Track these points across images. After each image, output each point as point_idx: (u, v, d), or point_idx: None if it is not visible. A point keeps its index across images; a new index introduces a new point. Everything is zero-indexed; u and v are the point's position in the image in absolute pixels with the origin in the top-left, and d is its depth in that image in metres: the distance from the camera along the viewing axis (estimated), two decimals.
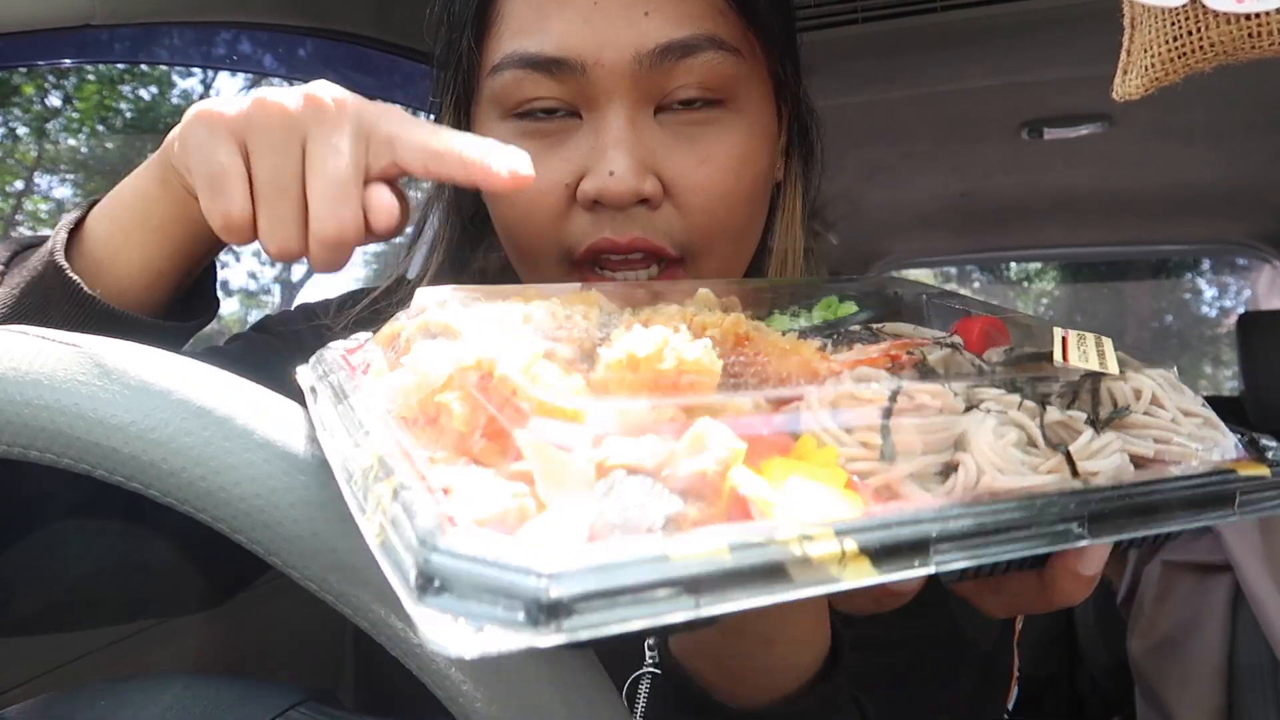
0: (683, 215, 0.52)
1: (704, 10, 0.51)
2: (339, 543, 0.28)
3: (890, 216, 2.50)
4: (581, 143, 0.51)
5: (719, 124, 0.52)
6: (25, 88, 2.49)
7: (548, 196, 0.51)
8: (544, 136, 0.52)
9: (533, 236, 0.53)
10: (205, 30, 0.95)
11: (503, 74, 0.51)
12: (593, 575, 0.21)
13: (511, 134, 0.52)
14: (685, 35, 0.50)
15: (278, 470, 0.29)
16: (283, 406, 0.32)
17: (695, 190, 0.51)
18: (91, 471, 0.30)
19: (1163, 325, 9.84)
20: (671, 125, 0.52)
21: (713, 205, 0.52)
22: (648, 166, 0.51)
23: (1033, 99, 1.60)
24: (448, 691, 0.28)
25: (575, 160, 0.51)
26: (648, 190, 0.50)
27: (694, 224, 0.52)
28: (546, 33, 0.50)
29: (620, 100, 0.50)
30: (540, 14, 0.50)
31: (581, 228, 0.51)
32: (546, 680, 0.29)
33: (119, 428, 0.29)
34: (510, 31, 0.51)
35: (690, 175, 0.51)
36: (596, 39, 0.49)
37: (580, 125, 0.52)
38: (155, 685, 0.36)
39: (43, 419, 0.29)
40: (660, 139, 0.51)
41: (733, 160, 0.52)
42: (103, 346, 0.31)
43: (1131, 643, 1.29)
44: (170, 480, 0.29)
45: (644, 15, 0.49)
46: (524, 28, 0.51)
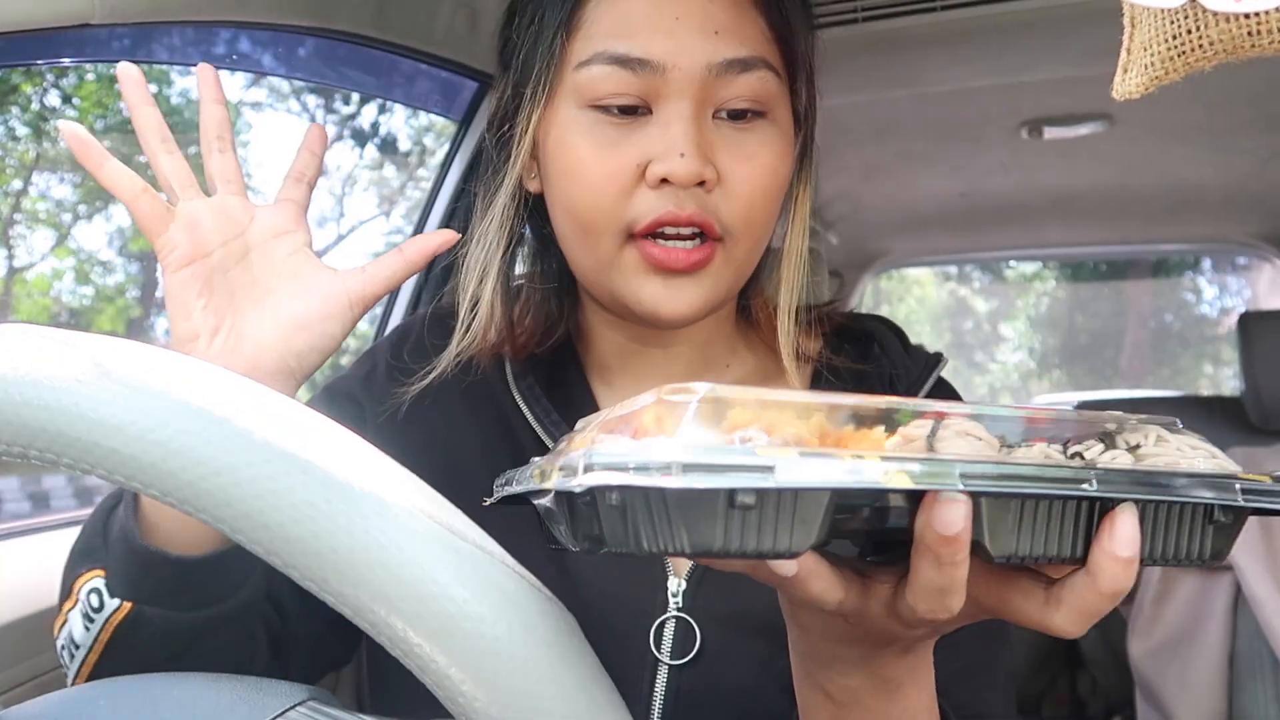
0: (729, 201, 0.62)
1: (759, 37, 0.63)
2: (339, 543, 0.28)
3: (890, 216, 2.50)
4: (651, 132, 0.61)
5: (761, 132, 0.63)
6: (24, 86, 2.50)
7: (619, 176, 0.61)
8: (617, 126, 0.61)
9: (600, 212, 0.61)
10: (205, 30, 0.95)
11: (591, 68, 0.61)
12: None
13: (589, 122, 0.62)
14: (746, 54, 0.61)
15: (278, 470, 0.29)
16: (284, 407, 0.32)
17: (741, 182, 0.62)
18: (91, 472, 0.30)
19: (1163, 325, 9.85)
20: (725, 130, 0.62)
21: (754, 196, 0.62)
22: (708, 156, 0.61)
23: (1033, 99, 1.60)
24: (448, 691, 0.28)
25: (644, 147, 0.61)
26: (708, 174, 0.60)
27: (736, 209, 0.62)
28: (634, 38, 0.60)
29: (690, 99, 0.61)
30: (629, 22, 0.61)
31: (648, 204, 0.60)
32: (547, 680, 0.29)
33: (119, 428, 0.29)
34: (601, 34, 0.61)
35: (738, 170, 0.62)
36: (677, 47, 0.60)
37: (650, 119, 0.61)
38: (155, 685, 0.36)
39: (43, 419, 0.29)
40: (716, 137, 0.62)
41: (771, 161, 0.63)
42: (103, 346, 0.31)
43: (1132, 643, 1.30)
44: (170, 480, 0.29)
45: (714, 33, 0.61)
46: (614, 32, 0.61)
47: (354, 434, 0.33)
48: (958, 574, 0.36)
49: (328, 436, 0.31)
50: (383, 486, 0.30)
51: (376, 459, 0.32)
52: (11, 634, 0.78)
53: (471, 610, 0.28)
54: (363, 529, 0.29)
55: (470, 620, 0.28)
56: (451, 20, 1.11)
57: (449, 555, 0.29)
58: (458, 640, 0.28)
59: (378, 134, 5.20)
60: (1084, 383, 10.16)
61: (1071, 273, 8.27)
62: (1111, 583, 0.36)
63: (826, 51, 0.72)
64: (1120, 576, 0.36)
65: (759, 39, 0.63)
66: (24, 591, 0.82)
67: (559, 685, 0.29)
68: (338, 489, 0.29)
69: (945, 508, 0.34)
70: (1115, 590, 0.37)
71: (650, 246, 0.61)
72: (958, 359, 10.55)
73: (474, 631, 0.28)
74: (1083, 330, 10.27)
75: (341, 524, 0.29)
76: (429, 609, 0.28)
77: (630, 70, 0.60)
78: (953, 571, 0.36)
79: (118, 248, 3.92)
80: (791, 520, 0.33)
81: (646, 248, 0.61)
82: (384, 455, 0.33)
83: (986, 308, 10.66)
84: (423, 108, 1.40)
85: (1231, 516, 0.38)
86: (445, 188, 1.35)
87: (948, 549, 0.35)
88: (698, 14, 0.61)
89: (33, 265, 3.56)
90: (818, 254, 1.01)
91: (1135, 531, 0.36)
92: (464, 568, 0.29)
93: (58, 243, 3.63)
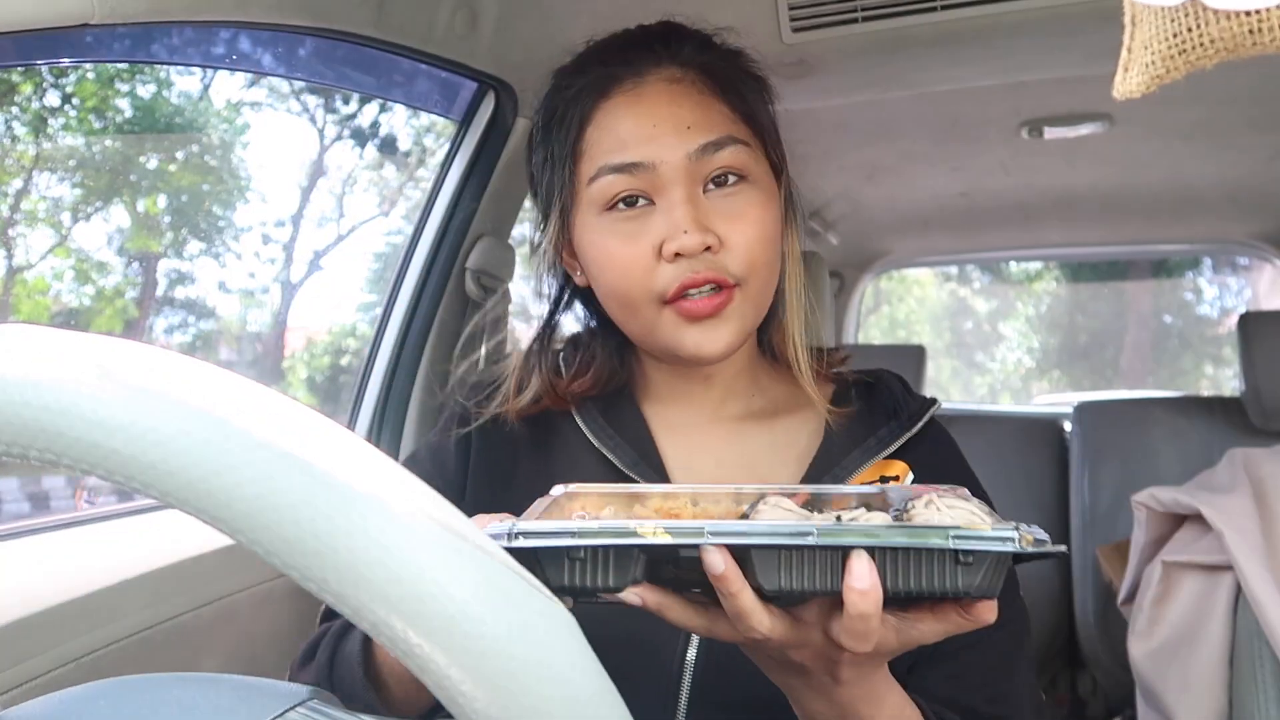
0: (733, 255, 0.75)
1: (724, 121, 0.77)
2: (339, 543, 0.28)
3: (890, 216, 2.50)
4: (659, 219, 0.75)
5: (745, 193, 0.77)
6: (23, 87, 2.49)
7: (642, 259, 0.75)
8: (630, 220, 0.76)
9: (635, 289, 0.76)
10: (205, 30, 0.95)
11: (599, 180, 0.76)
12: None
13: (608, 223, 0.77)
14: (716, 137, 0.75)
15: (278, 470, 0.29)
16: (284, 407, 0.32)
17: (739, 238, 0.75)
18: (91, 472, 0.30)
19: (1163, 325, 9.84)
20: (715, 198, 0.76)
21: (751, 246, 0.75)
22: (706, 226, 0.74)
23: (1033, 99, 1.60)
24: (448, 691, 0.28)
25: (657, 231, 0.75)
26: (710, 241, 0.74)
27: (740, 259, 0.75)
28: (626, 150, 0.75)
29: (681, 185, 0.75)
30: (619, 139, 0.76)
31: (670, 275, 0.74)
32: (547, 680, 0.29)
33: (119, 428, 0.29)
34: (601, 154, 0.77)
35: (734, 230, 0.75)
36: (659, 147, 0.75)
37: (655, 209, 0.76)
38: (156, 685, 0.36)
39: (43, 419, 0.29)
40: (710, 208, 0.76)
41: (757, 216, 0.76)
42: (103, 347, 0.31)
43: (1132, 644, 1.29)
44: (170, 480, 0.29)
45: (687, 128, 0.75)
46: (610, 149, 0.76)
47: (354, 435, 0.33)
48: (737, 603, 0.50)
49: (328, 436, 0.31)
50: (383, 486, 0.30)
51: (377, 459, 0.32)
52: (11, 634, 0.78)
53: (471, 610, 0.28)
54: (363, 529, 0.29)
55: (470, 620, 0.28)
56: (451, 20, 1.11)
57: (449, 555, 0.29)
58: (458, 640, 0.28)
59: (378, 134, 5.21)
60: (1084, 383, 10.15)
61: (1072, 273, 8.26)
62: (854, 608, 0.49)
63: (826, 52, 0.74)
64: (859, 603, 0.49)
65: (725, 121, 0.77)
66: (24, 591, 0.82)
67: (559, 685, 0.29)
68: (338, 489, 0.29)
69: (709, 556, 0.49)
70: (860, 613, 0.49)
71: (681, 304, 0.75)
72: (958, 359, 10.55)
73: (474, 632, 0.28)
74: (1083, 330, 10.27)
75: (341, 524, 0.29)
76: (429, 609, 0.28)
77: (629, 174, 0.75)
78: (733, 601, 0.50)
79: (117, 248, 3.93)
80: (610, 567, 0.50)
81: (679, 306, 0.75)
82: (384, 455, 0.33)
83: (986, 308, 10.65)
84: (423, 108, 1.40)
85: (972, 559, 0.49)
86: (445, 188, 1.35)
87: (722, 584, 0.50)
88: (670, 117, 0.75)
89: (32, 266, 3.57)
90: (818, 255, 1.02)
91: (865, 569, 0.48)
92: (464, 568, 0.29)
93: (58, 243, 3.64)
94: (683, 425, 0.85)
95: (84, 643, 0.84)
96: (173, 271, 3.99)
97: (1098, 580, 2.02)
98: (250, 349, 4.66)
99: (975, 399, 10.44)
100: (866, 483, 0.79)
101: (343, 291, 5.77)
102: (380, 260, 4.65)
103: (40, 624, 0.80)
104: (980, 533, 0.48)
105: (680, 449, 0.84)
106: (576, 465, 0.82)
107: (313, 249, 4.69)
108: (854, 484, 0.79)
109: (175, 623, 0.95)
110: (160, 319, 4.13)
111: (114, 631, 0.87)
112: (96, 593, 0.86)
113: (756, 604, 0.51)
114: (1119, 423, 2.10)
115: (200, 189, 3.78)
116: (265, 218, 4.45)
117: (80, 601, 0.84)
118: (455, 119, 1.34)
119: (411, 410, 1.36)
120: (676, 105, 0.76)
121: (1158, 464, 2.01)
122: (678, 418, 0.85)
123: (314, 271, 4.87)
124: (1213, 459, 1.50)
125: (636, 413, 0.85)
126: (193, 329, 4.23)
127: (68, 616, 0.83)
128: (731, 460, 0.83)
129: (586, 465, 0.82)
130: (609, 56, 0.80)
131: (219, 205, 3.97)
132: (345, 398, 1.47)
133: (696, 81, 0.77)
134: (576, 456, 0.83)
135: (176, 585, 0.96)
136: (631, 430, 0.83)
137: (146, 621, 0.91)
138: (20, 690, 0.77)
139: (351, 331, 4.91)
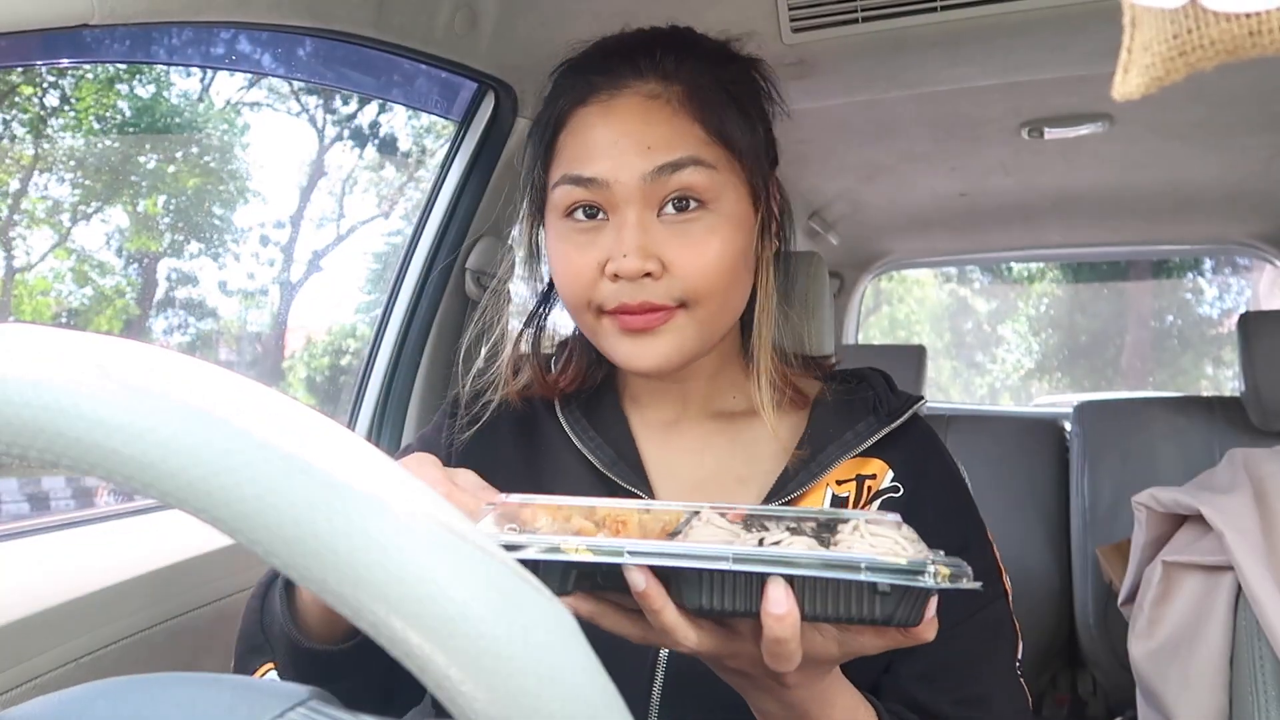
0: (679, 281, 0.75)
1: (690, 141, 0.75)
2: (339, 543, 0.28)
3: (890, 216, 2.49)
4: (608, 235, 0.76)
5: (702, 220, 0.75)
6: (23, 88, 2.49)
7: (586, 271, 0.76)
8: (584, 232, 0.77)
9: (577, 298, 0.78)
10: (205, 30, 0.95)
11: (560, 187, 0.77)
12: None
13: (565, 229, 0.78)
14: (675, 158, 0.74)
15: (278, 470, 0.29)
16: (284, 407, 0.32)
17: (686, 266, 0.74)
18: (91, 472, 0.30)
19: (1163, 325, 9.84)
20: (670, 222, 0.75)
21: (699, 275, 0.75)
22: (651, 252, 0.74)
23: (1033, 99, 1.60)
24: (448, 691, 0.28)
25: (603, 247, 0.75)
26: (650, 267, 0.74)
27: (687, 286, 0.75)
28: (586, 162, 0.76)
29: (633, 206, 0.74)
30: (584, 149, 0.76)
31: (609, 292, 0.75)
32: (547, 680, 0.29)
33: (119, 428, 0.29)
34: (566, 161, 0.78)
35: (681, 256, 0.74)
36: (617, 165, 0.74)
37: (608, 223, 0.76)
38: (155, 685, 0.36)
39: (43, 419, 0.29)
40: (661, 232, 0.75)
41: (713, 244, 0.75)
42: (103, 346, 0.31)
43: (1132, 644, 1.29)
44: (170, 480, 0.29)
45: (648, 149, 0.74)
46: (574, 158, 0.77)
47: (354, 435, 0.33)
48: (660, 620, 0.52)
49: (328, 436, 0.31)
50: (383, 486, 0.30)
51: (376, 459, 0.32)
52: (12, 634, 0.78)
53: (471, 610, 0.28)
54: (362, 529, 0.29)
55: (470, 620, 0.28)
56: (451, 20, 1.11)
57: (449, 555, 0.29)
58: (458, 640, 0.28)
59: (377, 134, 5.21)
60: (1084, 383, 10.15)
61: (1072, 273, 8.26)
62: (770, 632, 0.51)
63: (827, 52, 0.74)
64: (775, 628, 0.51)
65: (692, 142, 0.75)
66: (24, 591, 0.82)
67: (559, 685, 0.29)
68: (338, 489, 0.29)
69: (630, 574, 0.51)
70: (776, 637, 0.51)
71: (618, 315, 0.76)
72: (958, 359, 10.54)
73: (474, 631, 0.28)
74: (1083, 331, 10.26)
75: (341, 524, 0.29)
76: (429, 609, 0.28)
77: (585, 187, 0.75)
78: (657, 618, 0.52)
79: (117, 248, 3.92)
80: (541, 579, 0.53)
81: (616, 317, 0.76)
82: (384, 455, 0.33)
83: (986, 308, 10.65)
84: (423, 108, 1.40)
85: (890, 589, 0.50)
86: (445, 188, 1.35)
87: (645, 601, 0.52)
88: (634, 135, 0.75)
89: (32, 266, 3.57)
90: (818, 255, 1.02)
91: (782, 595, 0.50)
92: (464, 568, 0.29)
93: (57, 243, 3.64)
94: (662, 424, 0.86)
95: (84, 643, 0.84)
96: (173, 271, 3.99)
97: (1098, 580, 2.02)
98: (250, 349, 4.66)
99: (975, 399, 10.44)
100: (843, 480, 0.80)
101: (343, 291, 5.77)
102: (380, 260, 4.65)
103: (40, 624, 0.80)
104: (893, 564, 0.49)
105: (660, 448, 0.85)
106: (559, 462, 0.84)
107: (312, 249, 4.69)
108: (829, 480, 0.80)
109: (175, 623, 0.95)
110: (160, 319, 4.13)
111: (114, 631, 0.87)
112: (96, 593, 0.86)
113: (680, 620, 0.53)
114: (1119, 423, 2.10)
115: (200, 189, 3.78)
116: (265, 218, 4.45)
117: (80, 601, 0.84)
118: (455, 119, 1.34)
119: (411, 410, 1.36)
120: (645, 123, 0.75)
121: (1158, 464, 2.01)
122: (657, 417, 0.87)
123: (314, 271, 4.88)
124: (1213, 459, 1.50)
125: (618, 412, 0.86)
126: (193, 329, 4.23)
127: (68, 616, 0.83)
128: (710, 459, 0.84)
129: (567, 464, 0.84)
130: (594, 63, 0.80)
131: (219, 205, 3.97)
132: (345, 398, 1.47)
133: (674, 99, 0.76)
134: (559, 455, 0.85)
135: (176, 585, 0.96)
136: (613, 430, 0.85)
137: (146, 621, 0.91)
138: (21, 690, 0.77)
139: (351, 331, 4.91)
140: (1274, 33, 0.31)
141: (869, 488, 0.81)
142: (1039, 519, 2.15)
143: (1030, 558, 2.12)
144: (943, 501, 0.81)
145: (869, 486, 0.81)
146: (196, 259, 4.04)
